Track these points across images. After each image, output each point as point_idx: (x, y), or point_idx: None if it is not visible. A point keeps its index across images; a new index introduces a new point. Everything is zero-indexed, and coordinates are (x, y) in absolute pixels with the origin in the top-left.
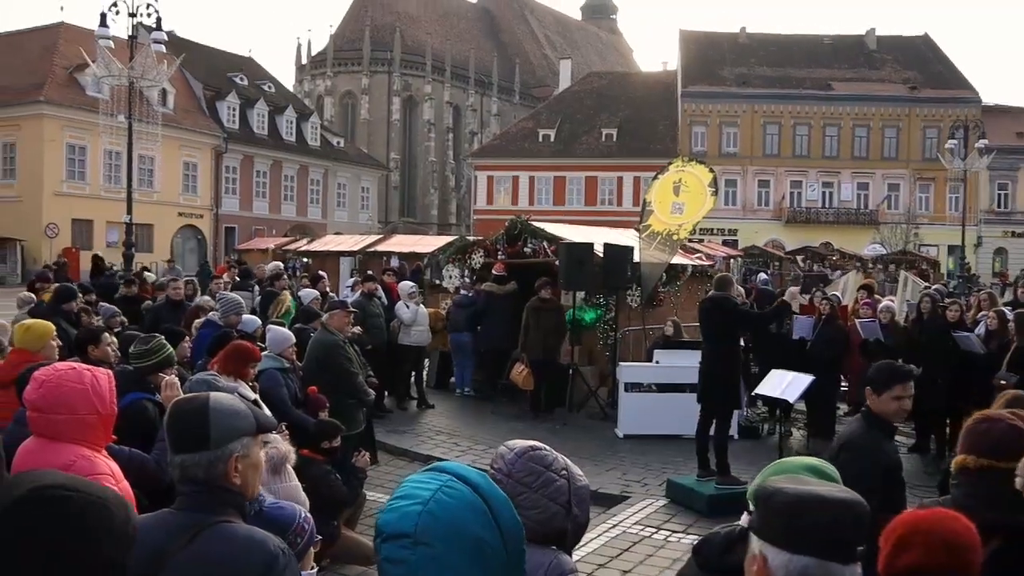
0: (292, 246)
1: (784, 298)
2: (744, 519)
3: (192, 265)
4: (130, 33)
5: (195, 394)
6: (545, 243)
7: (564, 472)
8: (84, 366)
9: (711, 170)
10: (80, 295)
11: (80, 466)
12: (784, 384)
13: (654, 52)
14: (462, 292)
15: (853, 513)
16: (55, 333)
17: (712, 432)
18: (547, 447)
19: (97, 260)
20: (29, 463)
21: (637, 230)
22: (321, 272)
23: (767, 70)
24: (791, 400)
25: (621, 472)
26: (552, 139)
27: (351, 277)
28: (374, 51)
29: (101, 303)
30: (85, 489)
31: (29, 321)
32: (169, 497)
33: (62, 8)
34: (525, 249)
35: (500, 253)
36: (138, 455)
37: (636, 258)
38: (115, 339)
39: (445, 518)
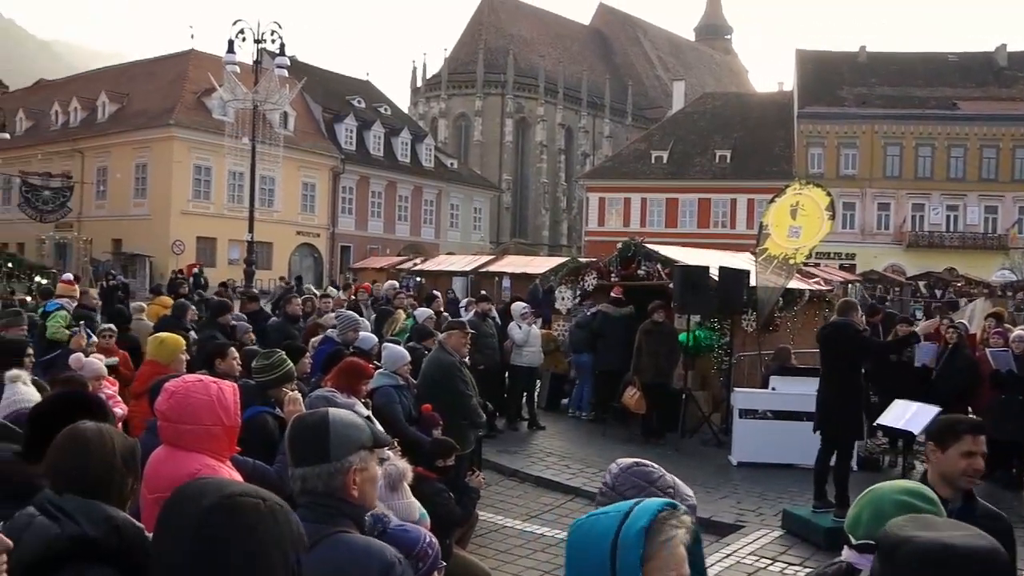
0: (405, 265)
1: (915, 329)
2: (846, 554)
3: (309, 282)
4: (255, 59)
5: (315, 409)
6: (659, 265)
7: (670, 491)
8: (211, 379)
9: (828, 193)
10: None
11: (205, 475)
12: (908, 415)
13: (769, 72)
14: (583, 311)
15: (995, 569)
16: (185, 347)
17: (832, 463)
18: (656, 465)
19: (177, 274)
20: (159, 470)
21: (753, 253)
22: (435, 291)
23: (888, 89)
24: (915, 432)
25: (735, 500)
26: (665, 161)
27: (460, 297)
28: (487, 74)
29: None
30: (268, 497)
31: (162, 335)
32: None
33: (192, 36)
34: (639, 271)
35: (613, 275)
36: (261, 466)
37: (752, 282)
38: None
39: (574, 542)
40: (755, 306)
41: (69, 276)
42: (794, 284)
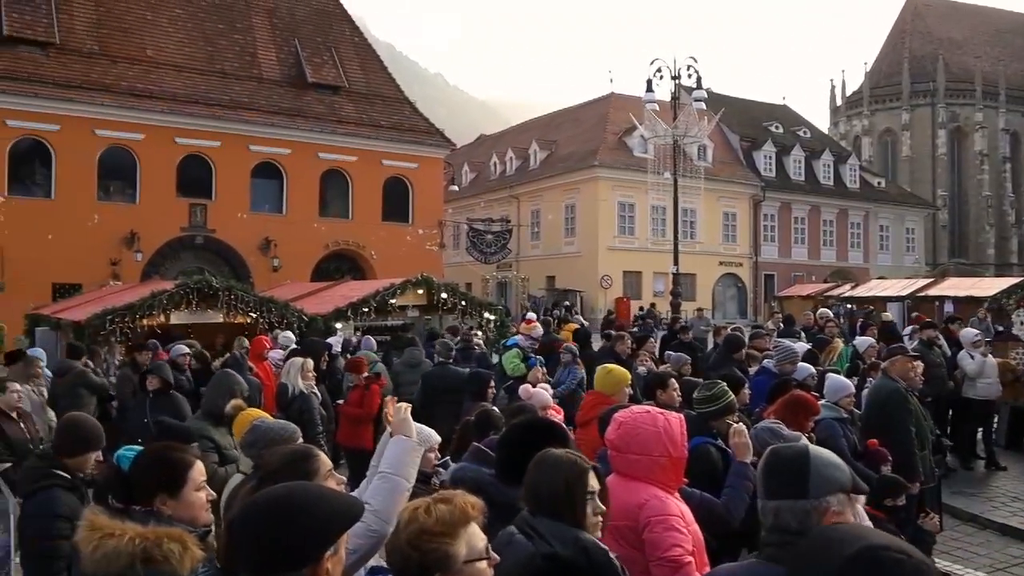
0: (834, 292)
1: None
2: None
3: (733, 312)
4: (673, 95)
5: (793, 443)
6: None
7: None
8: (658, 410)
9: None
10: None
11: (652, 505)
12: None
13: None
14: None
15: None
16: (630, 381)
17: None
18: None
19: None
20: (610, 498)
21: None
22: (870, 320)
23: None
24: None
25: None
26: None
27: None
28: (914, 83)
29: (668, 351)
30: (913, 553)
31: (610, 366)
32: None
33: (611, 80)
34: None
35: None
36: (708, 499)
37: None
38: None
39: None
40: None
41: (531, 316)
42: None
